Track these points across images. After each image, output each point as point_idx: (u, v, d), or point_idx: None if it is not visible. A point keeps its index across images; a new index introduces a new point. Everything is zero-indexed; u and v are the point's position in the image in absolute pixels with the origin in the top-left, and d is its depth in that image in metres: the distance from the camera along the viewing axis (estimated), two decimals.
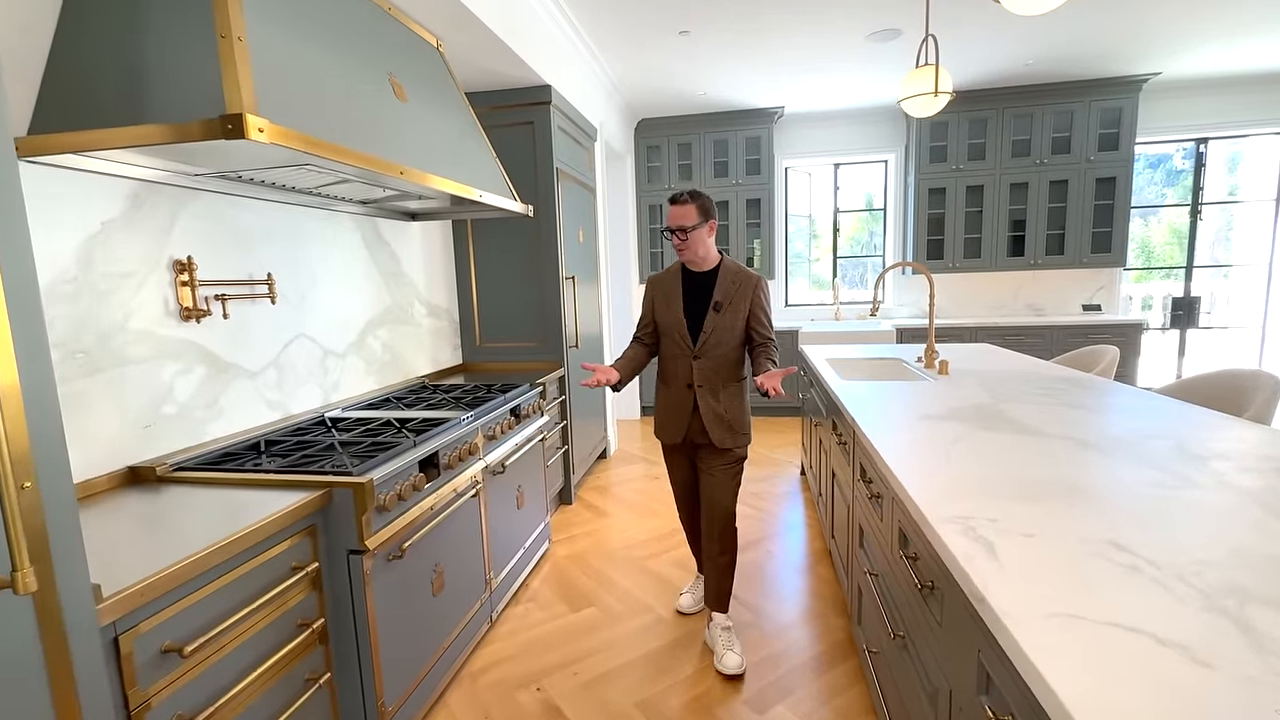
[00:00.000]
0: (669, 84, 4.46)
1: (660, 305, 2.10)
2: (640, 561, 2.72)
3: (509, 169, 3.18)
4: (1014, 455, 1.43)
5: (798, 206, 5.84)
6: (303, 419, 2.09)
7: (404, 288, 2.83)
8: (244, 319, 1.91)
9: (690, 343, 2.04)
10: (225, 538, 1.19)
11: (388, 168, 1.68)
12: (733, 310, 2.02)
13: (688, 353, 2.04)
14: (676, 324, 2.05)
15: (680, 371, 2.07)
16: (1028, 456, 1.41)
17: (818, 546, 2.81)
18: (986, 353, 3.14)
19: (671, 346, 2.09)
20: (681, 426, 2.07)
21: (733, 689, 1.88)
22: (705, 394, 2.03)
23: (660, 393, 2.15)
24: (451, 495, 1.91)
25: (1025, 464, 1.36)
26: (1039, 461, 1.38)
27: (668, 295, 2.09)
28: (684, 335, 2.04)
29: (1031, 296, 5.32)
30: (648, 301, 2.16)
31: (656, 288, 2.13)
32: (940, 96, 2.67)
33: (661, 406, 2.14)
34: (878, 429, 1.71)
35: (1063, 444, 1.50)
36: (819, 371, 2.79)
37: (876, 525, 1.57)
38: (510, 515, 2.41)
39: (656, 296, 2.12)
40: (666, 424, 2.12)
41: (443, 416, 2.06)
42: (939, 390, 2.21)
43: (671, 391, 2.09)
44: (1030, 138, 4.87)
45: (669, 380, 2.11)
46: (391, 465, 1.60)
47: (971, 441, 1.55)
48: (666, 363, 2.12)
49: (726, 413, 2.04)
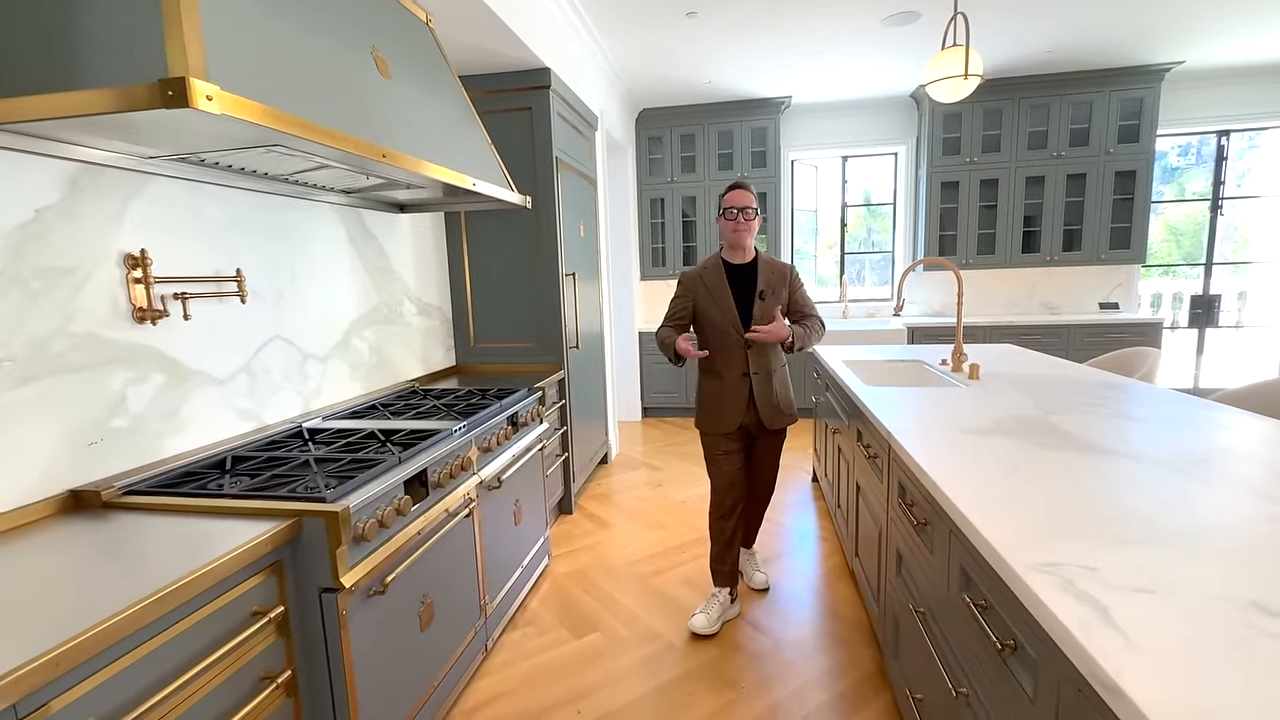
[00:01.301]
0: (673, 70, 4.26)
1: (705, 300, 2.17)
2: (646, 579, 2.54)
3: (506, 157, 2.97)
4: (1088, 481, 1.24)
5: (804, 201, 5.64)
6: (278, 430, 1.89)
7: (392, 284, 2.63)
8: (209, 320, 1.71)
9: (743, 331, 2.12)
10: (167, 585, 0.99)
11: (368, 150, 1.48)
12: (774, 298, 2.16)
13: (740, 342, 2.13)
14: (729, 315, 2.13)
15: (734, 362, 2.15)
16: (1105, 483, 1.23)
17: (836, 563, 2.63)
18: (1013, 355, 2.96)
19: (722, 338, 2.15)
20: (738, 414, 2.16)
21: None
22: (760, 380, 2.15)
23: (710, 385, 2.21)
24: (442, 516, 1.72)
25: (1105, 492, 1.18)
26: (1120, 489, 1.19)
27: (712, 289, 2.16)
28: (737, 326, 2.12)
29: (1046, 294, 5.14)
30: (686, 296, 2.20)
31: (697, 283, 2.19)
32: (970, 79, 2.48)
33: (713, 398, 2.20)
34: (919, 444, 1.53)
35: (1139, 466, 1.32)
36: (837, 375, 2.61)
37: (924, 557, 1.39)
38: (507, 532, 2.22)
39: (699, 291, 2.18)
40: (720, 414, 2.18)
41: (433, 427, 1.86)
42: (975, 398, 2.03)
43: (725, 382, 2.17)
44: (1047, 129, 4.68)
45: (721, 371, 2.18)
46: (373, 487, 1.41)
47: (1033, 463, 1.36)
48: (718, 354, 2.17)
49: (778, 396, 2.19)
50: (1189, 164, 5.24)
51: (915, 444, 1.54)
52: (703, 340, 2.20)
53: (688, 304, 2.18)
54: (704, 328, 2.19)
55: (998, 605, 0.99)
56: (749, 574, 2.46)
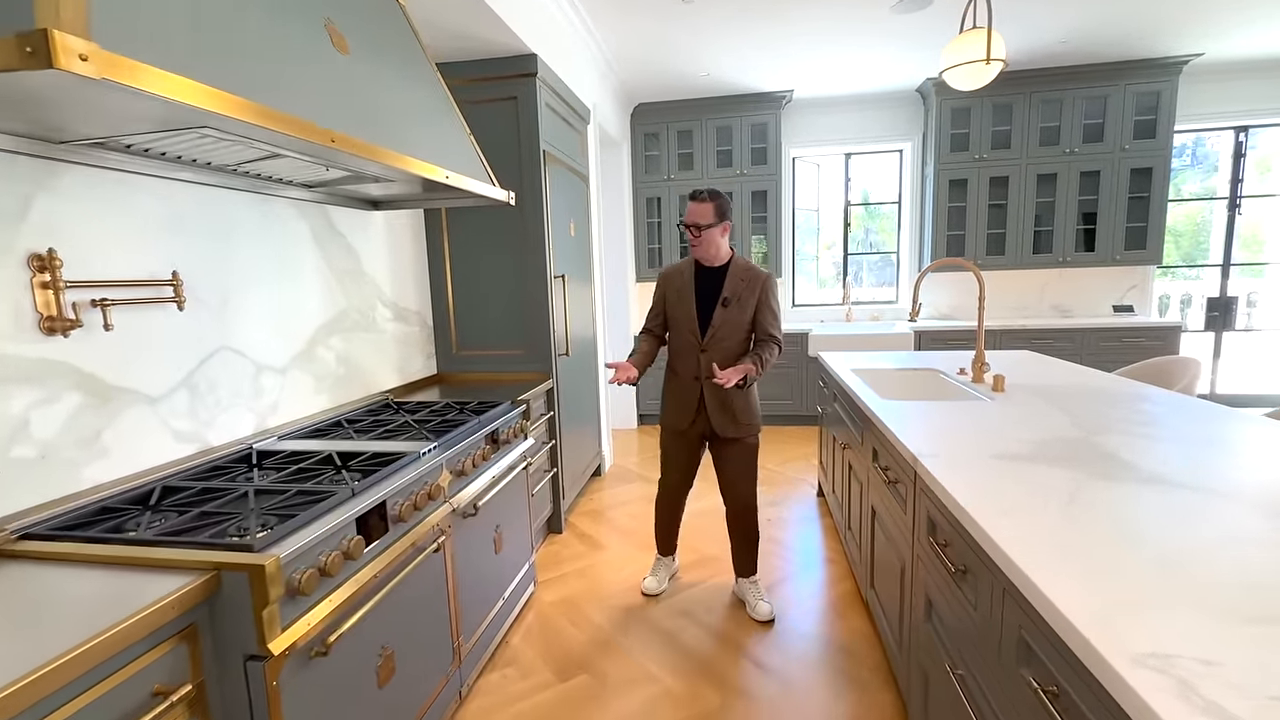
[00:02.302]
0: (669, 62, 4.05)
1: (672, 299, 2.20)
2: (639, 611, 2.33)
3: (490, 151, 2.77)
4: (1167, 525, 1.04)
5: (805, 200, 5.45)
6: (223, 454, 1.68)
7: (364, 288, 2.42)
8: (138, 330, 1.49)
9: (699, 336, 2.15)
10: (29, 673, 0.78)
11: (313, 133, 1.27)
12: (740, 306, 2.13)
13: (696, 345, 2.16)
14: (687, 318, 2.16)
15: (689, 363, 2.18)
16: (1190, 529, 1.03)
17: (846, 590, 2.42)
18: (1034, 363, 2.76)
19: (682, 339, 2.20)
20: (688, 416, 2.21)
21: None
22: (711, 385, 2.13)
23: (669, 382, 2.28)
24: (408, 552, 1.51)
25: (1196, 544, 0.97)
26: (1215, 540, 0.99)
27: (680, 290, 2.18)
28: (694, 329, 2.15)
29: (1058, 296, 4.95)
30: (659, 294, 2.26)
31: (669, 282, 2.22)
32: (993, 64, 2.28)
33: (670, 396, 2.27)
34: (950, 473, 1.32)
35: (1222, 505, 1.11)
36: (847, 385, 2.40)
37: (963, 610, 1.18)
38: (486, 562, 2.00)
39: (669, 290, 2.21)
40: (674, 412, 2.25)
41: (397, 450, 1.65)
42: (1004, 415, 1.83)
43: (680, 382, 2.22)
44: (1060, 125, 4.49)
45: (679, 371, 2.23)
46: (316, 528, 1.19)
47: (1091, 499, 1.16)
48: (676, 354, 2.23)
49: (733, 404, 2.18)
50: (1184, 165, 5.05)
51: (946, 472, 1.33)
52: (669, 337, 2.27)
53: (660, 301, 2.26)
54: (671, 326, 2.25)
55: (1079, 699, 0.78)
56: (752, 604, 2.28)
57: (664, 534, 2.48)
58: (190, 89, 0.99)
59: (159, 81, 0.93)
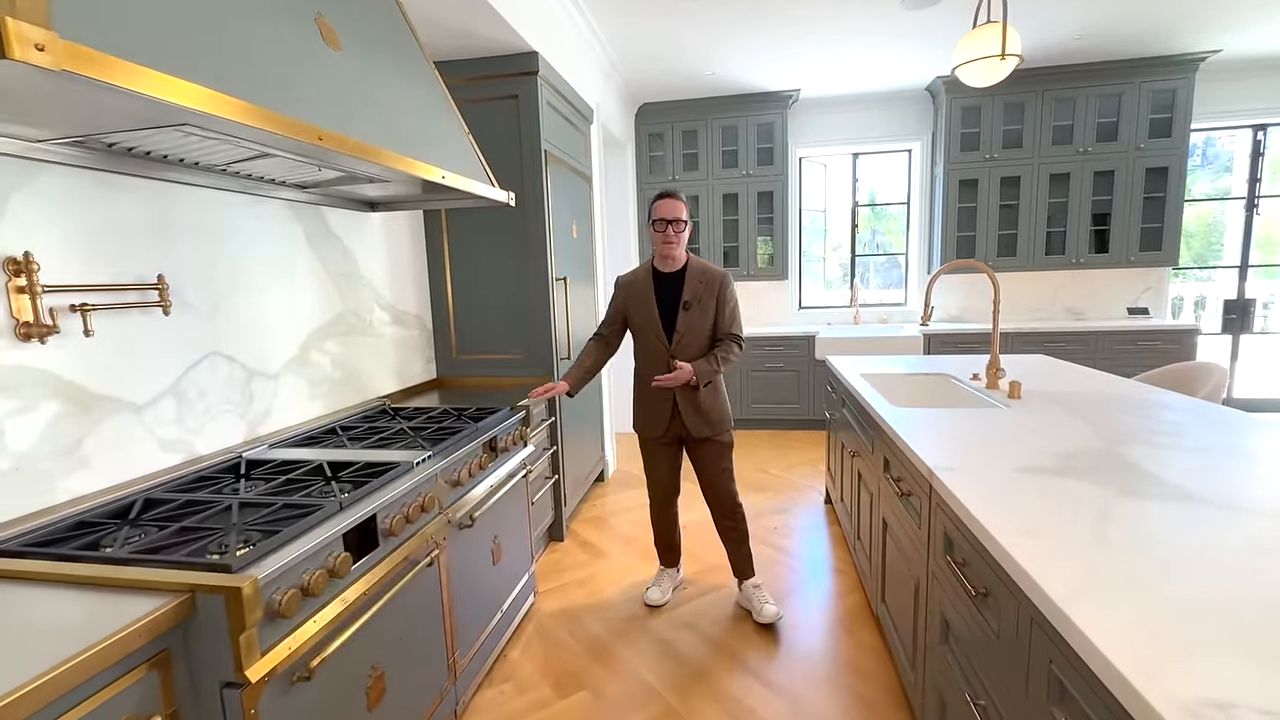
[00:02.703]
0: (674, 61, 3.99)
1: (633, 307, 2.21)
2: (642, 622, 2.26)
3: (490, 150, 2.71)
4: (1206, 548, 0.96)
5: (811, 200, 5.37)
6: (211, 463, 1.62)
7: (360, 291, 2.36)
8: (121, 335, 1.44)
9: (666, 341, 2.15)
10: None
11: (300, 131, 1.22)
12: (701, 308, 2.14)
13: (664, 351, 2.16)
14: (651, 324, 2.17)
15: (659, 368, 2.16)
16: (1229, 552, 0.95)
17: (856, 602, 2.34)
18: (1050, 368, 2.68)
19: (648, 346, 2.20)
20: (663, 420, 2.21)
21: None
22: (683, 389, 2.15)
23: (638, 389, 2.28)
24: (401, 566, 1.45)
25: (1237, 569, 0.90)
26: (1259, 567, 0.91)
27: (639, 297, 2.19)
28: (659, 335, 2.16)
29: (1071, 299, 4.85)
30: (618, 302, 2.26)
31: (628, 290, 2.23)
32: (1008, 59, 2.20)
33: (642, 402, 2.27)
34: (969, 488, 1.25)
35: (1265, 526, 1.04)
36: (856, 391, 2.33)
37: (985, 637, 1.11)
38: (484, 574, 1.94)
39: (628, 299, 2.22)
40: (647, 419, 2.26)
41: (390, 460, 1.59)
42: (1022, 424, 1.75)
43: (651, 388, 2.18)
44: (1073, 123, 4.40)
45: (644, 376, 2.22)
46: (300, 545, 1.13)
47: (1123, 518, 1.08)
48: (644, 361, 2.23)
49: (703, 404, 2.19)
50: (1194, 165, 4.93)
51: (964, 487, 1.26)
52: (635, 345, 2.27)
53: (619, 311, 2.25)
54: (635, 333, 2.25)
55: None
56: (757, 608, 2.23)
57: (664, 544, 2.45)
58: (164, 84, 0.93)
59: (127, 75, 0.88)
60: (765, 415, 4.84)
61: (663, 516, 2.41)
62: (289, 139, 1.21)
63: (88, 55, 0.83)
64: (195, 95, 0.99)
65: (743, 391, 4.83)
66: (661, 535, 2.44)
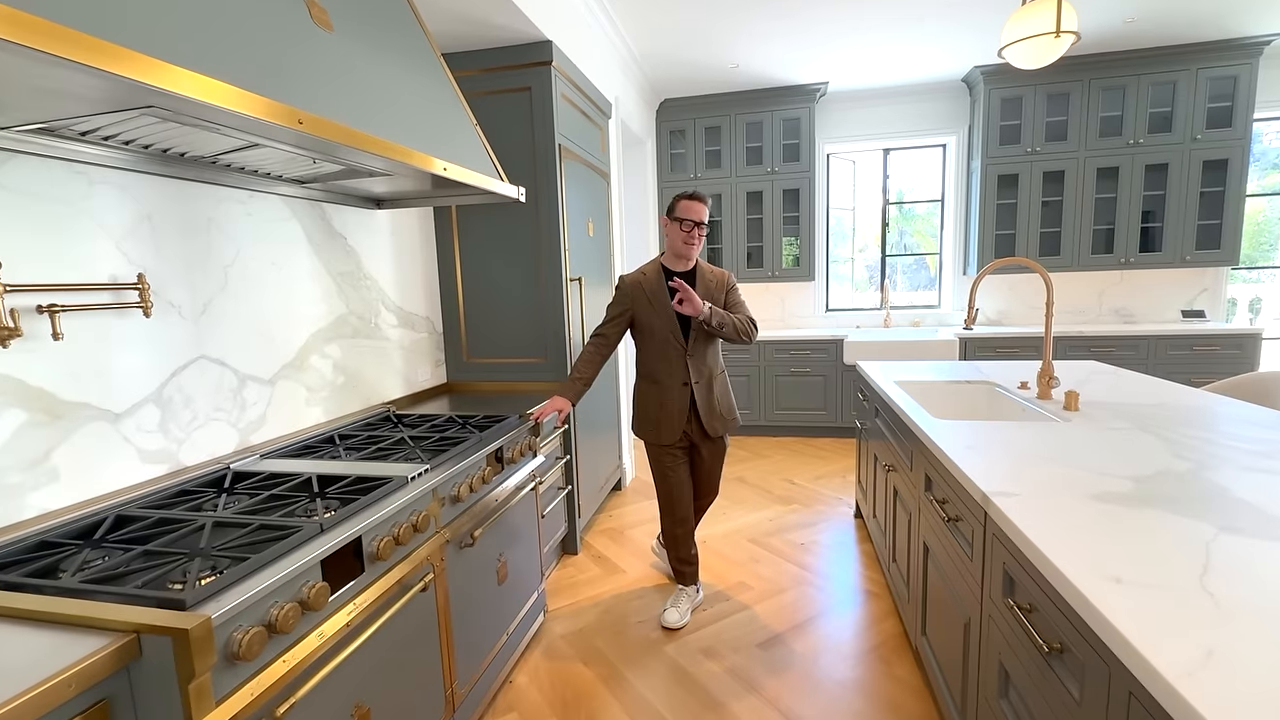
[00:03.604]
0: (696, 54, 3.84)
1: (645, 307, 2.14)
2: (658, 647, 2.11)
3: (502, 145, 2.59)
4: None
5: (839, 199, 5.16)
6: (196, 476, 1.52)
7: (365, 292, 2.26)
8: (97, 339, 1.34)
9: (683, 341, 2.11)
10: None
11: (274, 113, 1.10)
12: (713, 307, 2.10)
13: (681, 351, 2.12)
14: (668, 323, 2.11)
15: (675, 370, 2.13)
16: None
17: (891, 630, 2.16)
18: (1105, 375, 2.46)
19: (661, 347, 2.13)
20: (680, 424, 2.14)
21: None
22: (701, 389, 2.15)
23: (649, 393, 2.19)
24: (392, 591, 1.32)
25: None
26: None
27: (653, 297, 2.13)
28: (676, 333, 2.11)
29: (1119, 300, 4.57)
30: (623, 303, 2.17)
31: (637, 290, 2.15)
32: (1063, 37, 2.00)
33: (654, 407, 2.17)
34: (1035, 520, 1.07)
35: None
36: (891, 400, 2.15)
37: (1061, 701, 0.93)
38: (488, 596, 1.81)
39: (638, 299, 2.15)
40: (661, 424, 2.16)
41: (382, 475, 1.47)
42: (1087, 440, 1.56)
43: (666, 391, 2.15)
44: (1123, 114, 4.13)
45: (661, 379, 2.15)
46: (268, 575, 1.01)
47: (1231, 563, 0.90)
48: (656, 363, 2.16)
49: (719, 403, 2.20)
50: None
51: (1029, 518, 1.08)
52: (642, 347, 2.19)
53: (625, 311, 2.16)
54: (644, 335, 2.17)
55: None
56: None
57: (683, 560, 2.31)
58: (115, 56, 0.82)
59: (65, 43, 0.76)
60: (791, 421, 4.65)
61: (683, 529, 2.28)
62: (266, 122, 1.10)
63: (22, 21, 0.71)
64: (158, 72, 0.88)
65: (767, 396, 4.65)
66: (681, 550, 2.30)
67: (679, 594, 2.31)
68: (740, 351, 4.62)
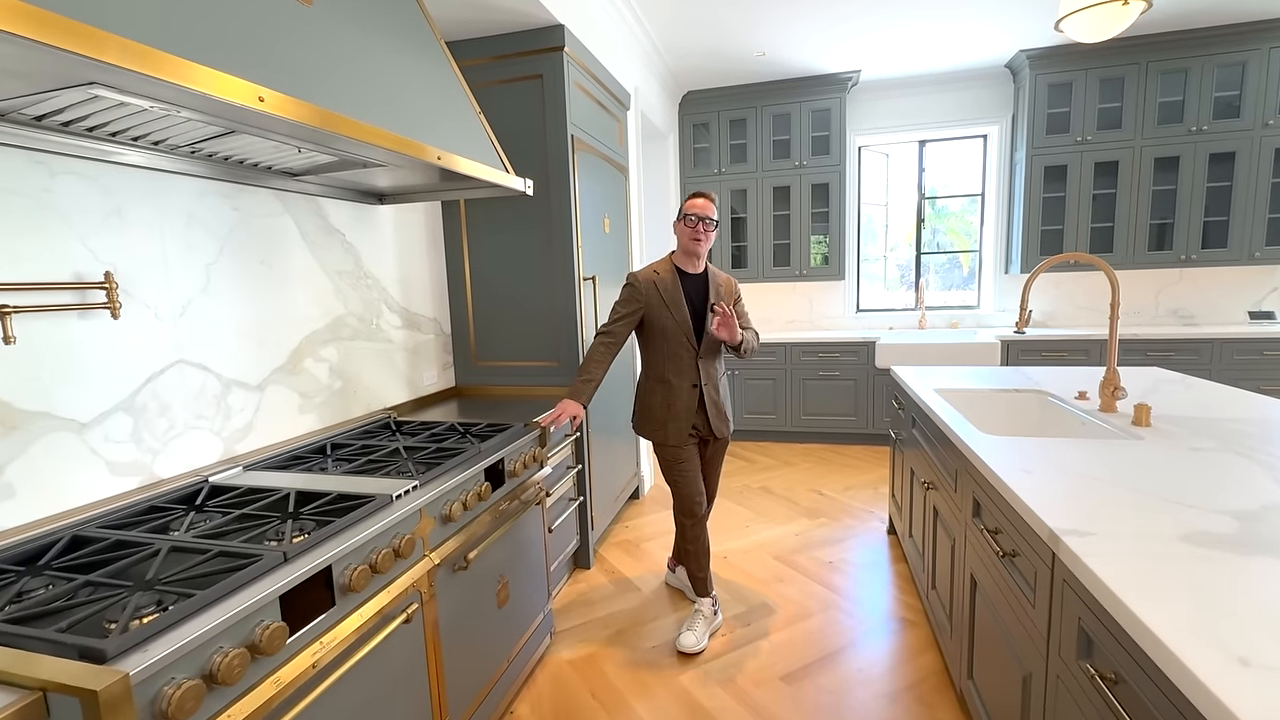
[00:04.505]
0: (721, 42, 3.66)
1: (659, 308, 2.08)
2: (673, 676, 1.94)
3: (513, 136, 2.46)
4: None
5: (872, 194, 4.92)
6: (169, 490, 1.41)
7: (366, 291, 2.14)
8: (57, 343, 1.24)
9: (696, 342, 2.09)
10: None
11: (231, 90, 0.97)
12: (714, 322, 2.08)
13: (693, 353, 2.10)
14: (683, 326, 2.08)
15: (685, 372, 2.10)
16: None
17: (930, 666, 1.95)
18: (1174, 384, 2.21)
19: (674, 348, 2.09)
20: (688, 425, 2.11)
21: None
22: (709, 390, 2.14)
23: (658, 394, 2.13)
24: (371, 623, 1.19)
25: None
26: None
27: (669, 299, 2.08)
28: (690, 337, 2.08)
29: (1178, 300, 4.24)
30: (635, 301, 2.08)
31: (650, 289, 2.09)
32: (1132, 5, 1.78)
33: (661, 407, 2.12)
34: (1120, 567, 0.88)
35: None
36: (931, 411, 1.95)
37: None
38: (485, 622, 1.67)
39: (651, 298, 2.09)
40: (669, 425, 2.12)
41: (363, 493, 1.34)
42: (1166, 464, 1.34)
43: (675, 392, 2.11)
44: (1184, 99, 3.82)
45: (671, 380, 2.11)
46: (214, 615, 0.88)
47: None
48: (666, 363, 2.11)
49: (722, 405, 2.19)
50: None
51: (1113, 567, 0.89)
52: (650, 346, 2.13)
53: (637, 309, 2.09)
54: (654, 335, 2.11)
55: None
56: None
57: (702, 564, 2.19)
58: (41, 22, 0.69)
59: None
60: (819, 428, 4.44)
61: (703, 533, 2.19)
62: (219, 99, 0.97)
63: None
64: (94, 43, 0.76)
65: (794, 401, 4.44)
66: (702, 556, 2.19)
67: (695, 614, 2.15)
68: (765, 353, 4.42)
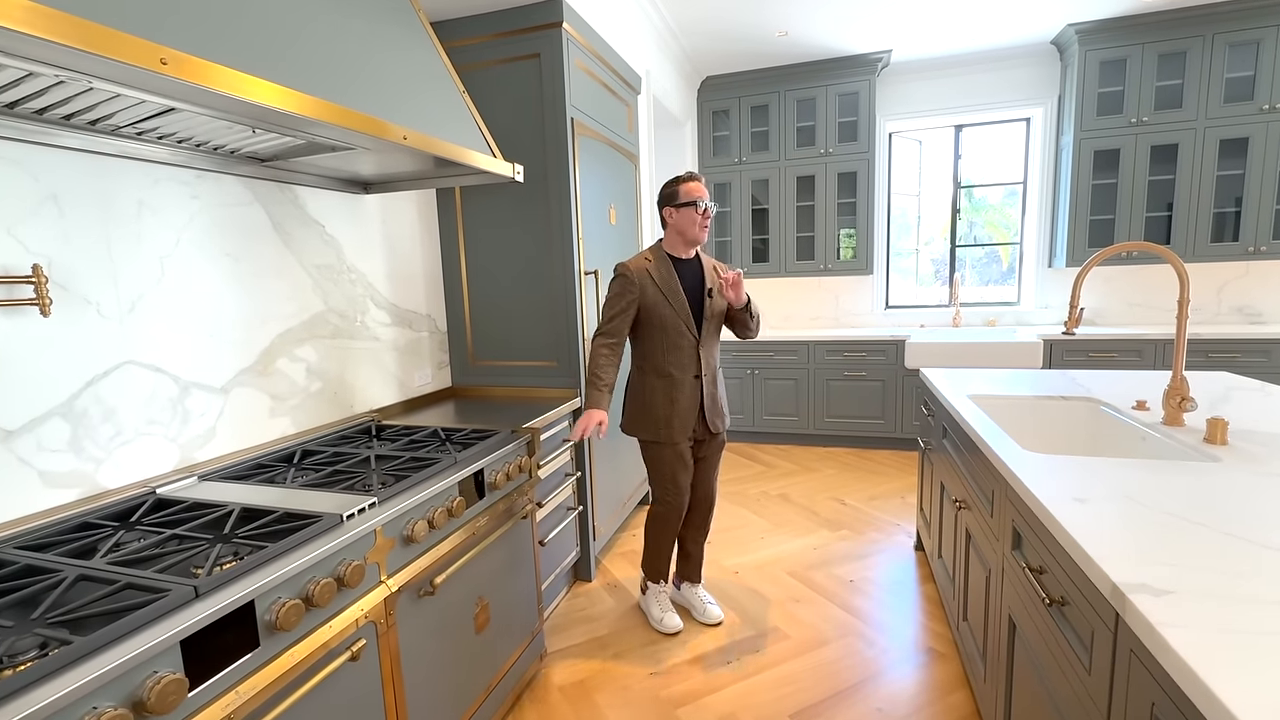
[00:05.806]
0: (740, 19, 3.44)
1: (655, 299, 1.98)
2: (670, 709, 1.77)
3: (508, 119, 2.30)
4: None
5: (903, 183, 4.64)
6: (109, 503, 1.29)
7: (349, 287, 2.01)
8: None
9: (696, 332, 2.01)
10: None
11: (125, 49, 0.83)
12: (718, 294, 2.05)
13: (694, 342, 2.02)
14: (682, 315, 1.99)
15: (687, 362, 2.01)
16: None
17: (963, 707, 1.74)
18: (1245, 392, 1.94)
19: (674, 338, 2.00)
20: (693, 420, 2.03)
21: None
22: (709, 382, 2.06)
23: (659, 389, 2.02)
24: (306, 666, 1.04)
25: None
26: None
27: (665, 287, 1.99)
28: (690, 325, 2.00)
29: (1242, 296, 3.87)
30: (630, 294, 1.97)
31: (643, 280, 1.98)
32: None
33: (663, 403, 2.01)
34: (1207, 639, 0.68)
35: None
36: (965, 422, 1.73)
37: None
38: (460, 649, 1.52)
39: (646, 289, 1.98)
40: (673, 420, 2.01)
41: (310, 512, 1.19)
42: (1254, 494, 1.11)
43: (678, 385, 2.01)
44: (1255, 74, 3.46)
45: (673, 372, 2.01)
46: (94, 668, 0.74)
47: None
48: (665, 355, 2.01)
49: (720, 400, 2.11)
50: None
51: (1201, 639, 0.69)
52: (647, 339, 2.02)
53: (633, 302, 1.97)
54: (650, 327, 2.00)
55: None
56: (701, 608, 2.21)
57: (667, 558, 2.22)
58: None
59: None
60: (843, 431, 4.20)
61: (673, 536, 2.20)
62: (115, 62, 0.83)
63: None
64: None
65: (816, 402, 4.21)
66: (665, 551, 2.21)
67: (657, 593, 2.22)
68: (787, 351, 4.20)
